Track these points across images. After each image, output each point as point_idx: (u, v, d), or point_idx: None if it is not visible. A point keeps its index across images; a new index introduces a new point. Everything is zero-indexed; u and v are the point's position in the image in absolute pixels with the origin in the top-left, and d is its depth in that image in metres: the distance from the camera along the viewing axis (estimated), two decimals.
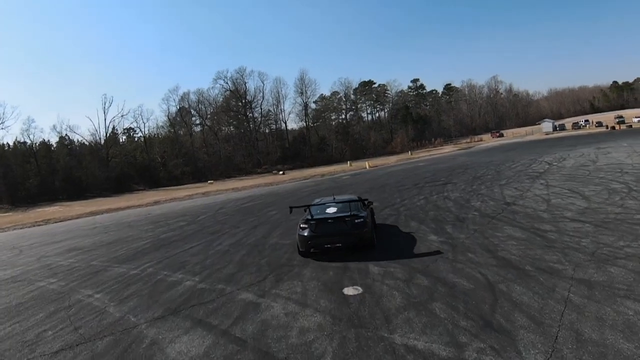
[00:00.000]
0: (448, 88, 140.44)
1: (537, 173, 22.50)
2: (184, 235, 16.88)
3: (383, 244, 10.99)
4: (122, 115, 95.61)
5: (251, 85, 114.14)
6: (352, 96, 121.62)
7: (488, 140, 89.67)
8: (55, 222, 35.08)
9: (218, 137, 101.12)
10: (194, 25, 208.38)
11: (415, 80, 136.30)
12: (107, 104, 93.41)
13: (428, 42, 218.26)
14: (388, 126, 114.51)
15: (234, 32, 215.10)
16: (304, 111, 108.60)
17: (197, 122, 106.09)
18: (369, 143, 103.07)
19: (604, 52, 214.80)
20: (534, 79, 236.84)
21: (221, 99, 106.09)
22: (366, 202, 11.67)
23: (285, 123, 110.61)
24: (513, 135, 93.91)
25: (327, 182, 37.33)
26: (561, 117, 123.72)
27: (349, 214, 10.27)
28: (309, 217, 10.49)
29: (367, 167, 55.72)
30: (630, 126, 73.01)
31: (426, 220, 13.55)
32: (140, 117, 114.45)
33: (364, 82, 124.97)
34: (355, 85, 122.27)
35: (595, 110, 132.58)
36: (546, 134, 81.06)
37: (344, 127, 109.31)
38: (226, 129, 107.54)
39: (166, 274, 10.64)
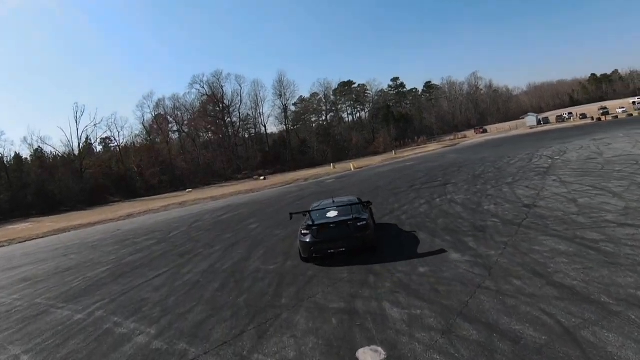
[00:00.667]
0: (428, 86, 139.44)
1: (542, 169, 20.63)
2: (151, 259, 14.34)
3: (393, 265, 8.73)
4: (95, 125, 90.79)
5: (228, 89, 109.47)
6: (332, 97, 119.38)
7: (472, 137, 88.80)
8: (20, 242, 32.17)
9: (196, 143, 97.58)
10: (166, 29, 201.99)
11: (395, 79, 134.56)
12: (78, 113, 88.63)
13: (407, 41, 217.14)
14: (369, 126, 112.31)
15: (208, 34, 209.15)
16: (283, 114, 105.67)
17: (174, 129, 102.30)
18: (351, 144, 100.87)
19: (582, 45, 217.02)
20: (513, 74, 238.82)
21: (198, 105, 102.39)
22: (366, 204, 11.45)
23: (265, 127, 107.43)
24: (497, 130, 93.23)
25: (312, 187, 34.95)
26: (541, 111, 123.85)
27: (350, 217, 10.00)
28: (310, 222, 10.11)
29: (352, 168, 53.64)
30: (617, 117, 73.17)
31: (437, 231, 11.34)
32: (114, 125, 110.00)
33: (344, 82, 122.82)
34: (334, 86, 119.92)
35: (575, 103, 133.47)
36: (531, 128, 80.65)
37: (325, 129, 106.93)
38: (204, 135, 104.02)
39: (116, 320, 8.16)
